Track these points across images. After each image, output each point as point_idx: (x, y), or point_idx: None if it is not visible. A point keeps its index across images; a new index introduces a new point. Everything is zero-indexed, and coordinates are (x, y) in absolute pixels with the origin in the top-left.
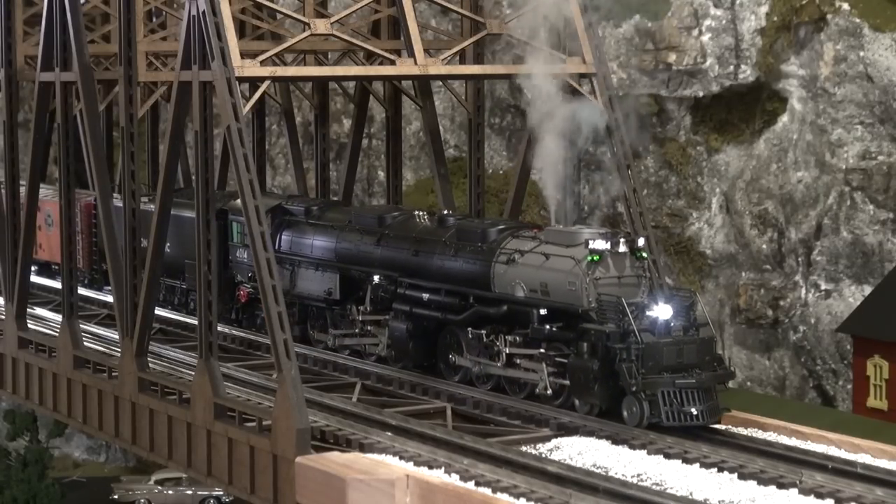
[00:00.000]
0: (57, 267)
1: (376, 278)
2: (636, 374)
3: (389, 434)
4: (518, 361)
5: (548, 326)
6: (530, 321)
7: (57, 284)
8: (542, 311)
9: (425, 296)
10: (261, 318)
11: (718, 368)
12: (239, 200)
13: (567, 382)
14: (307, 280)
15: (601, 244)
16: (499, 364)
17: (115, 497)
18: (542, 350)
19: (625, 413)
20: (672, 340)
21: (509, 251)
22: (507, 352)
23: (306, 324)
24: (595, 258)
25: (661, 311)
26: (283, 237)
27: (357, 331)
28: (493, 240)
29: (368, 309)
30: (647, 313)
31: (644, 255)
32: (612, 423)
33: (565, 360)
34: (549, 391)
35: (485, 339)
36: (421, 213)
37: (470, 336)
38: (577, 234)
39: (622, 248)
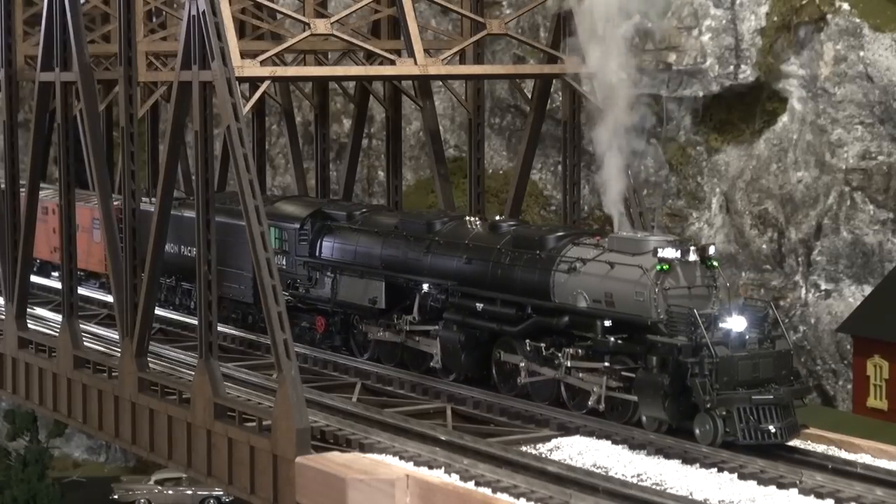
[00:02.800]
0: (84, 273)
1: (425, 287)
2: (710, 390)
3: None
4: (580, 375)
5: (612, 339)
6: (593, 333)
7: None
8: (607, 323)
9: (479, 305)
10: (299, 328)
11: (796, 383)
12: (277, 205)
13: (633, 398)
14: (350, 288)
15: (671, 252)
16: (557, 376)
17: (115, 497)
18: (606, 364)
19: (697, 431)
20: (747, 354)
21: (570, 259)
22: (569, 365)
23: (349, 333)
24: (664, 267)
25: (735, 323)
26: (323, 243)
27: (402, 341)
28: (552, 247)
29: (416, 318)
30: (720, 325)
31: (715, 263)
32: (612, 423)
33: (631, 375)
34: (602, 406)
35: (544, 352)
36: (472, 219)
37: (528, 348)
38: (645, 242)
39: (692, 257)
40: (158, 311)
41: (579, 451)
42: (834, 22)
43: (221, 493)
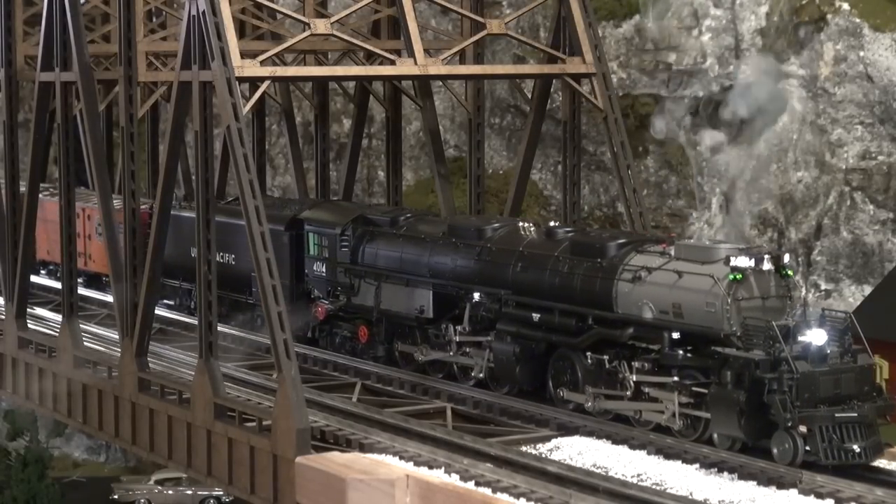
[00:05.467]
0: (108, 279)
1: (476, 296)
2: (791, 408)
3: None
4: (647, 390)
5: (681, 352)
6: (660, 346)
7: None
8: (675, 335)
9: (535, 316)
10: (340, 337)
11: (878, 399)
12: (315, 210)
13: (703, 415)
14: (395, 296)
15: (744, 261)
16: (627, 394)
17: (115, 497)
18: (675, 378)
19: (775, 450)
20: (829, 369)
21: (634, 268)
22: (635, 379)
23: (392, 343)
24: (737, 277)
25: (815, 336)
26: (365, 249)
27: (453, 353)
28: (613, 255)
29: (467, 329)
30: (799, 338)
31: (790, 272)
32: (612, 423)
33: (702, 390)
34: (678, 424)
35: (608, 366)
36: (526, 225)
37: (589, 361)
38: (715, 250)
39: (766, 266)
40: (159, 311)
41: (579, 451)
42: (834, 22)
43: (221, 493)
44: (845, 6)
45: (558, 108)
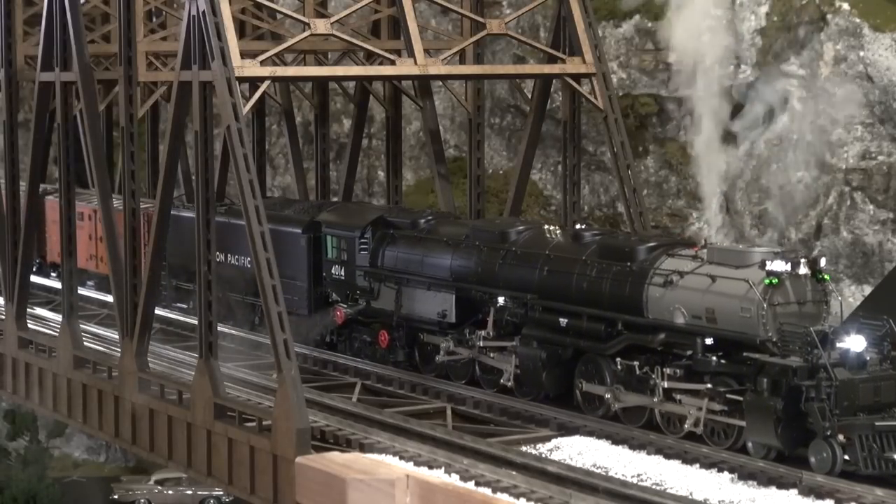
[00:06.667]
0: None
1: (501, 300)
2: (830, 416)
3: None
4: (678, 398)
5: (714, 358)
6: (693, 352)
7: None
8: (708, 341)
9: (563, 321)
10: (359, 341)
11: None
12: (332, 211)
13: (737, 422)
14: (416, 301)
15: (780, 265)
16: (656, 400)
17: (115, 497)
18: (708, 385)
19: (812, 459)
20: (868, 376)
21: (666, 272)
22: (666, 386)
23: (413, 348)
24: (773, 281)
25: (853, 343)
26: (386, 252)
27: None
28: (643, 259)
29: (491, 334)
30: (837, 345)
31: (826, 277)
32: (612, 423)
33: (736, 397)
34: (700, 429)
35: (638, 372)
36: (551, 228)
37: (618, 367)
38: (750, 254)
39: (803, 270)
40: (159, 311)
41: (579, 451)
42: (834, 22)
43: (221, 493)
44: (845, 6)
45: (558, 108)
